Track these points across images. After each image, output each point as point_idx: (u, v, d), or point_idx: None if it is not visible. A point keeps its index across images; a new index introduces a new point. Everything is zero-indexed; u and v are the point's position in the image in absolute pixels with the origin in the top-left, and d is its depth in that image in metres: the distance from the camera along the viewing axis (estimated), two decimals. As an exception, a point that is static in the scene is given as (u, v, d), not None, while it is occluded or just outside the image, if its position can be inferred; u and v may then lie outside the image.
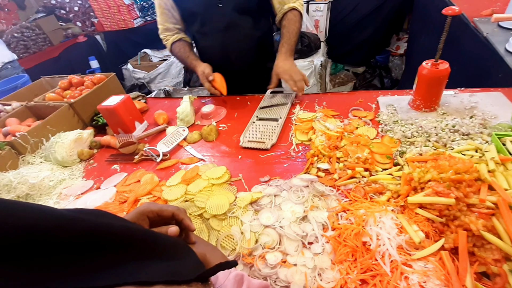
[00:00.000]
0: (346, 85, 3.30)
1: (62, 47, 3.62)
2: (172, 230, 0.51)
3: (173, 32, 1.32)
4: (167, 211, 0.54)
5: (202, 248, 0.54)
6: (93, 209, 0.43)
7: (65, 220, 0.27)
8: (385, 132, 0.95)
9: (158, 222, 0.55)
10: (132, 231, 0.34)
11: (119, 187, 0.99)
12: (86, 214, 0.35)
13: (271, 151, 1.01)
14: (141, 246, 0.33)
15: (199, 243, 0.56)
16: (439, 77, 0.90)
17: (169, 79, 3.33)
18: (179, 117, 1.23)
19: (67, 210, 0.34)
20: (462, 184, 0.62)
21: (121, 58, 3.81)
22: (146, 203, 0.55)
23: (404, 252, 0.61)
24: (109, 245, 0.29)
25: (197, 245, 0.55)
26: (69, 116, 1.32)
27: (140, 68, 3.44)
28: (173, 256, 0.38)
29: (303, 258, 0.64)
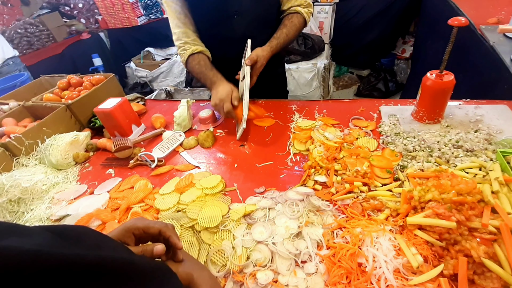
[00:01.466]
0: (349, 88, 3.26)
1: (65, 44, 3.62)
2: (158, 248, 0.49)
3: (192, 39, 1.18)
4: (154, 228, 0.52)
5: (190, 267, 0.52)
6: (74, 228, 0.41)
7: (27, 256, 0.25)
8: (386, 144, 0.92)
9: (145, 238, 0.53)
10: (104, 261, 0.31)
11: (113, 193, 0.97)
12: (60, 237, 0.33)
13: (268, 159, 0.98)
14: (111, 279, 0.31)
15: (186, 262, 0.54)
16: (443, 89, 0.86)
17: (171, 78, 3.32)
18: (176, 121, 1.21)
19: (43, 234, 0.32)
20: (464, 206, 0.59)
21: (124, 56, 3.81)
22: (133, 219, 0.53)
23: (401, 277, 0.58)
24: (74, 280, 0.27)
25: (184, 264, 0.53)
26: (66, 117, 1.31)
27: (143, 66, 3.43)
28: (148, 286, 0.36)
29: (295, 278, 0.62)
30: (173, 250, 0.52)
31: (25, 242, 0.27)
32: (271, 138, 1.09)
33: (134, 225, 0.51)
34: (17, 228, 0.30)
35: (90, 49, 3.78)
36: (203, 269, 0.54)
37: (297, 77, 2.65)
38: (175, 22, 1.17)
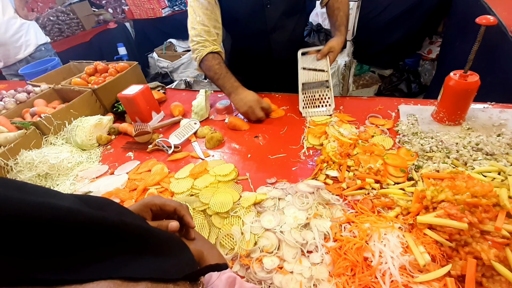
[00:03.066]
0: (370, 87, 3.19)
1: (93, 32, 3.76)
2: (172, 225, 0.52)
3: (213, 39, 1.15)
4: (170, 206, 0.55)
5: (201, 245, 0.55)
6: (98, 198, 0.44)
7: (61, 211, 0.28)
8: (402, 144, 0.90)
9: (161, 215, 0.56)
10: (126, 226, 0.34)
11: (131, 174, 1.02)
12: (86, 204, 0.36)
13: (281, 152, 0.99)
14: (133, 242, 0.34)
15: (198, 240, 0.57)
16: (466, 90, 0.84)
17: (191, 69, 3.37)
18: (193, 110, 1.24)
19: (72, 198, 0.35)
20: (478, 208, 0.58)
21: (148, 46, 3.91)
22: (151, 196, 0.57)
23: (407, 273, 0.58)
24: (99, 239, 0.30)
25: (196, 242, 0.56)
26: (92, 101, 1.38)
27: (165, 57, 3.51)
28: (165, 252, 0.39)
29: (300, 266, 0.63)
30: (186, 228, 0.55)
31: (58, 201, 0.30)
32: (285, 131, 1.09)
33: (151, 201, 0.55)
34: (51, 191, 0.33)
35: (116, 38, 3.91)
36: (213, 248, 0.57)
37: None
38: (199, 19, 1.12)
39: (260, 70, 1.28)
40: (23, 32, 2.33)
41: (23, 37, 2.32)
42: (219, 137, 1.09)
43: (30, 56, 2.37)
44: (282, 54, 1.28)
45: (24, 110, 1.35)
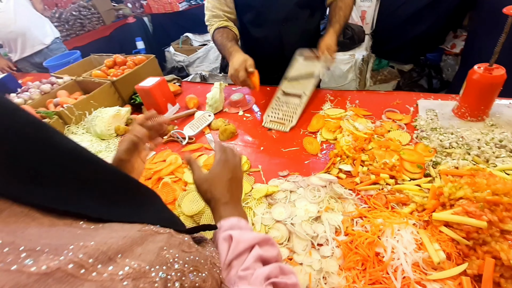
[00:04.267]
0: (388, 83, 3.09)
1: (113, 26, 3.86)
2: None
3: (221, 19, 1.20)
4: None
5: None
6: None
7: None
8: (420, 139, 0.87)
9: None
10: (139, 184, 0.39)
11: (147, 163, 1.04)
12: None
13: (294, 145, 0.99)
14: (146, 196, 0.39)
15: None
16: (491, 84, 0.80)
17: (207, 63, 3.40)
18: (208, 102, 1.25)
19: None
20: (498, 207, 0.56)
21: (165, 40, 3.97)
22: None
23: (420, 271, 0.57)
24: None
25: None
26: (111, 93, 1.42)
27: (181, 51, 3.55)
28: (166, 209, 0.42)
29: (310, 258, 0.63)
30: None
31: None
32: (299, 125, 1.08)
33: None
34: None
35: (135, 33, 3.99)
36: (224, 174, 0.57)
37: (333, 69, 2.56)
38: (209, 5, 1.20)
39: (271, 63, 1.26)
40: (41, 24, 2.43)
41: (40, 29, 2.43)
42: (232, 129, 1.09)
43: (47, 48, 2.47)
44: (293, 47, 1.26)
45: (48, 101, 1.41)
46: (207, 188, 0.55)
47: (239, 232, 0.47)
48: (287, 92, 1.16)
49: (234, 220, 0.50)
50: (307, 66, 1.17)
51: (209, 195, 0.55)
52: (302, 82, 1.15)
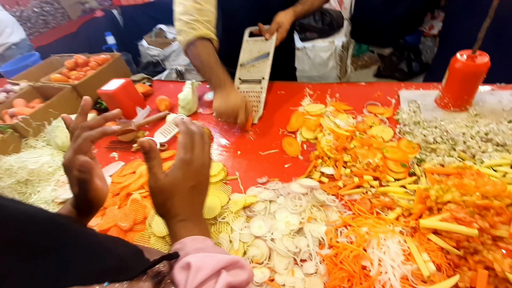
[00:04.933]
0: (369, 68, 3.06)
1: (80, 22, 3.60)
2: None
3: (206, 20, 0.96)
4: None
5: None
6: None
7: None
8: (403, 134, 0.83)
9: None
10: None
11: (115, 177, 0.96)
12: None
13: (273, 147, 0.92)
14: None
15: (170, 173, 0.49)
16: (475, 73, 0.75)
17: (183, 57, 3.24)
18: (180, 104, 1.16)
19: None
20: (489, 211, 0.52)
21: (137, 34, 3.74)
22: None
23: (409, 285, 0.53)
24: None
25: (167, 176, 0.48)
26: (72, 98, 1.30)
27: (155, 45, 3.36)
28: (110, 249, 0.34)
29: (292, 278, 0.58)
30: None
31: None
32: (279, 123, 1.02)
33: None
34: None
35: (104, 27, 3.74)
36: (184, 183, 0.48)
37: (313, 57, 2.50)
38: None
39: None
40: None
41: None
42: (207, 133, 1.01)
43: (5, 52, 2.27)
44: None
45: (3, 111, 1.28)
46: (163, 202, 0.47)
47: (200, 257, 0.40)
48: (244, 79, 1.08)
49: (194, 241, 0.43)
50: (259, 46, 1.08)
51: (164, 209, 0.47)
52: (257, 65, 1.07)
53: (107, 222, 0.79)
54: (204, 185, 0.52)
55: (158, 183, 0.46)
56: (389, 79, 2.82)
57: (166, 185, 0.47)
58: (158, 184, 0.46)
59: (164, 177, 0.47)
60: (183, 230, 0.45)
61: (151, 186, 0.47)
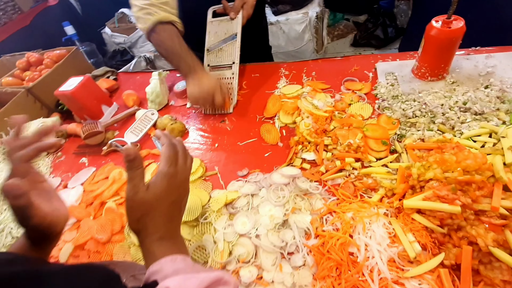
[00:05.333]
0: (345, 37, 3.00)
1: (32, 13, 3.27)
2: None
3: (161, 2, 0.87)
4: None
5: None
6: None
7: None
8: (383, 110, 0.81)
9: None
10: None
11: (87, 185, 0.89)
12: None
13: (251, 136, 0.88)
14: None
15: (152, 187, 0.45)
16: (451, 39, 0.72)
17: (152, 43, 3.04)
18: (149, 98, 1.08)
19: None
20: (471, 186, 0.51)
21: (99, 20, 3.45)
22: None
23: (396, 267, 0.53)
24: None
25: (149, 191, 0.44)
26: (29, 103, 1.18)
27: (119, 31, 3.13)
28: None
29: (281, 274, 0.57)
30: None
31: None
32: (256, 109, 0.97)
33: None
34: None
35: (60, 17, 3.40)
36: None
37: (287, 31, 2.40)
38: None
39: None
40: None
41: None
42: (181, 128, 0.95)
43: None
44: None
45: (-48, 125, 1.15)
46: (140, 217, 0.43)
47: (180, 280, 0.36)
48: (213, 65, 1.01)
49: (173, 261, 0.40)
50: (225, 27, 1.00)
51: (141, 225, 0.43)
52: (226, 48, 1.00)
53: (83, 235, 0.74)
54: (184, 200, 0.50)
55: (138, 195, 0.42)
56: (366, 47, 2.78)
57: (146, 199, 0.43)
58: (137, 197, 0.42)
59: (145, 190, 0.43)
60: (161, 249, 0.42)
61: (129, 199, 0.43)
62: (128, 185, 0.43)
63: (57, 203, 0.47)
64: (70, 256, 0.72)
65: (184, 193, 0.50)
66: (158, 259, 0.40)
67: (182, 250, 0.43)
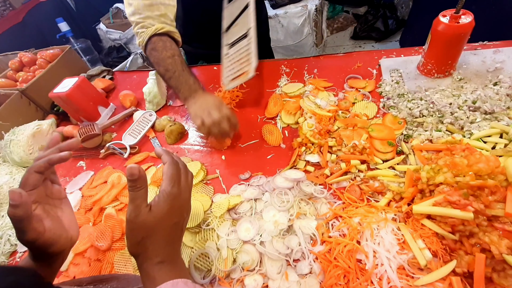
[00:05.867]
0: (345, 30, 2.95)
1: (24, 9, 3.19)
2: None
3: (158, 14, 0.82)
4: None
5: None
6: None
7: None
8: (388, 109, 0.78)
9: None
10: None
11: (85, 190, 0.87)
12: None
13: (253, 137, 0.86)
14: None
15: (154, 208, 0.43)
16: (459, 35, 0.69)
17: (148, 38, 2.98)
18: (146, 99, 1.05)
19: None
20: (483, 191, 0.49)
21: (94, 16, 3.38)
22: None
23: (406, 275, 0.51)
24: None
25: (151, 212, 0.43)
26: (23, 105, 1.15)
27: (114, 27, 3.07)
28: None
29: (287, 283, 0.55)
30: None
31: None
32: (256, 109, 0.94)
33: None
34: None
35: (54, 13, 3.34)
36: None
37: (286, 24, 2.35)
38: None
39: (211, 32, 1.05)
40: None
41: None
42: (179, 129, 0.93)
43: None
44: None
45: None
46: (141, 239, 0.41)
47: None
48: (231, 42, 0.94)
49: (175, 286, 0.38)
50: (237, 5, 0.95)
51: (141, 249, 0.41)
52: (240, 21, 0.93)
53: (83, 243, 0.72)
54: (186, 221, 0.48)
55: (140, 218, 0.41)
56: (366, 40, 2.74)
57: (148, 221, 0.41)
58: (139, 219, 0.41)
59: (147, 212, 0.41)
60: (160, 274, 0.40)
61: (130, 221, 0.41)
62: (130, 206, 0.41)
63: (68, 222, 0.45)
64: (70, 264, 0.71)
65: (186, 213, 0.49)
66: (159, 284, 0.38)
67: (182, 274, 0.42)
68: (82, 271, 0.68)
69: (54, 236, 0.41)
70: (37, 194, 0.43)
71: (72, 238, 0.45)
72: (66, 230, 0.45)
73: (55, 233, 0.42)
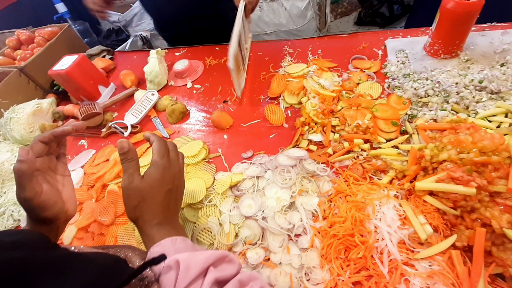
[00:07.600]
0: (349, 15, 2.89)
1: (19, -12, 3.10)
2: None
3: None
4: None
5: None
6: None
7: None
8: (393, 89, 0.77)
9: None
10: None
11: (87, 168, 0.88)
12: None
13: (255, 117, 0.85)
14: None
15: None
16: (468, 13, 0.68)
17: (147, 21, 2.91)
18: (147, 78, 1.04)
19: None
20: (487, 167, 0.49)
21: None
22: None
23: (406, 249, 0.52)
24: None
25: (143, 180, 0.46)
26: (23, 83, 1.13)
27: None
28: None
29: (288, 256, 0.56)
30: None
31: None
32: (259, 90, 0.93)
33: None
34: None
35: (50, -7, 3.26)
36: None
37: (289, 8, 2.30)
38: None
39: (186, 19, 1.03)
40: None
41: None
42: (181, 109, 0.92)
43: None
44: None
45: None
46: (137, 204, 0.44)
47: (188, 255, 0.37)
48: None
49: (174, 242, 0.41)
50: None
51: (138, 213, 0.44)
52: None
53: (86, 218, 0.73)
54: (180, 191, 0.51)
55: (133, 184, 0.44)
56: (371, 26, 2.69)
57: (141, 187, 0.44)
58: (133, 185, 0.44)
59: (140, 179, 0.45)
60: (160, 232, 0.43)
61: (125, 188, 0.45)
62: (124, 175, 0.45)
63: (67, 197, 0.47)
64: (74, 238, 0.71)
65: (179, 184, 0.51)
66: (158, 241, 0.40)
67: (181, 233, 0.44)
68: (86, 244, 0.69)
69: (50, 201, 0.43)
70: (41, 163, 0.45)
71: (68, 211, 0.46)
72: (62, 201, 0.46)
73: (51, 198, 0.43)
